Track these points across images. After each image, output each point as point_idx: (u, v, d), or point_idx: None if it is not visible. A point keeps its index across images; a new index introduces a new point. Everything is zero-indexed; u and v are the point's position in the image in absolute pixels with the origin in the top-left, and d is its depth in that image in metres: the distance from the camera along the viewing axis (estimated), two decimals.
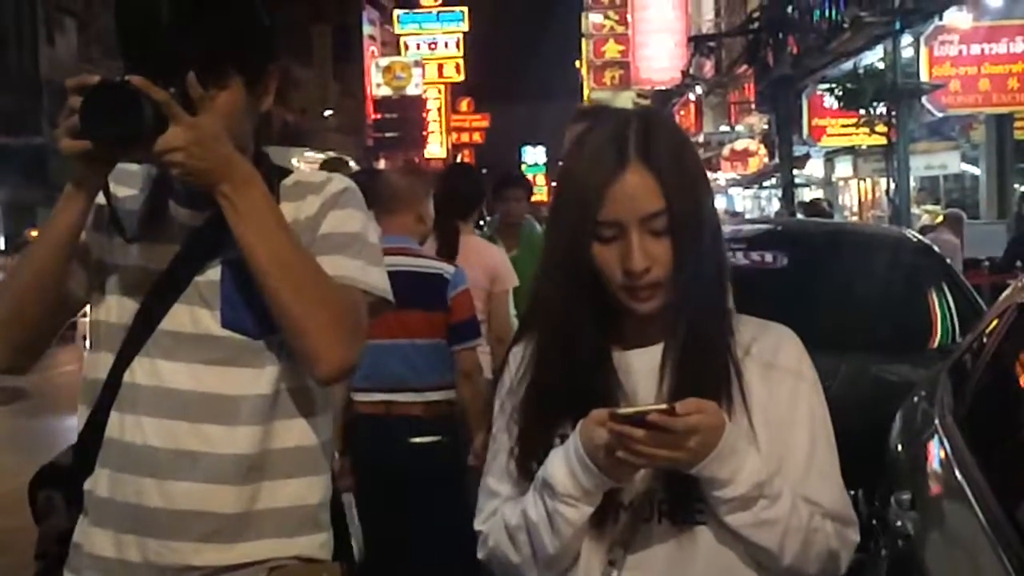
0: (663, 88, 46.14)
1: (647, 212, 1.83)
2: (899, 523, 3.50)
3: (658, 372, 1.89)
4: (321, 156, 17.71)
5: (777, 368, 1.92)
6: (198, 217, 2.18)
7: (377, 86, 55.43)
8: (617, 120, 1.91)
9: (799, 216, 19.50)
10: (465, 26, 64.59)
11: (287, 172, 2.30)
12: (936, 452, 3.61)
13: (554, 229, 1.93)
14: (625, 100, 52.31)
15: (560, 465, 1.83)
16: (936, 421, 3.74)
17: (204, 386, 2.17)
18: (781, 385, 1.91)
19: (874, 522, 4.03)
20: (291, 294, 2.07)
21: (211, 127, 2.02)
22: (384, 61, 56.63)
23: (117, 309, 2.22)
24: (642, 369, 1.90)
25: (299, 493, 2.23)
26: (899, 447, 4.16)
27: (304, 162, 16.35)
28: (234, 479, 2.17)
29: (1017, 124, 19.86)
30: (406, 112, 56.69)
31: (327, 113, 47.19)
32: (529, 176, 10.64)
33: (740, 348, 1.91)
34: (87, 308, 2.28)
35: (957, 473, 3.22)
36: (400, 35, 62.99)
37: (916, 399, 4.28)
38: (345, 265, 2.18)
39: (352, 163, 17.72)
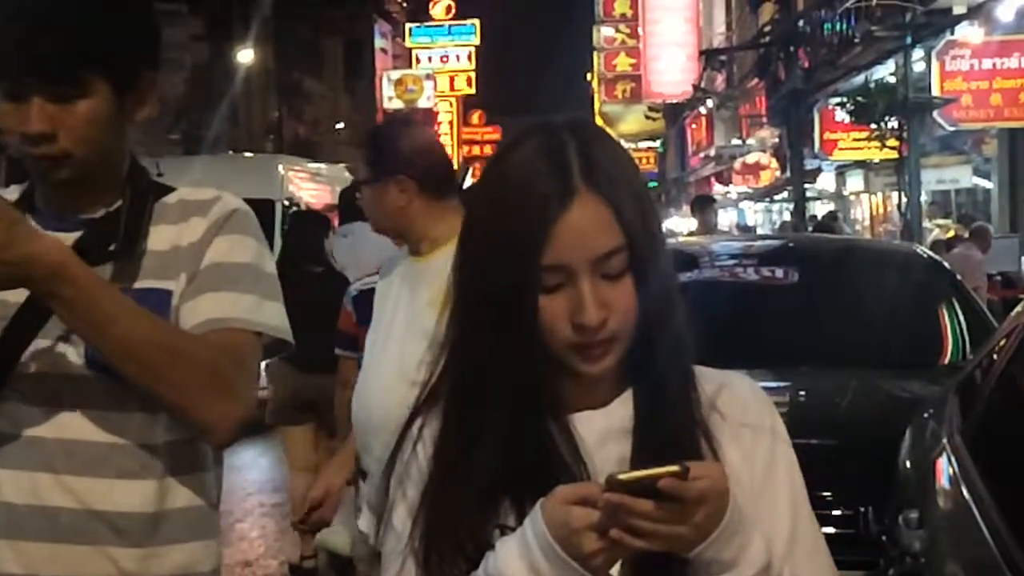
0: (674, 101, 46.20)
1: (601, 252, 1.47)
2: (907, 541, 3.50)
3: (613, 437, 1.53)
4: (315, 166, 17.20)
5: (748, 425, 1.58)
6: (66, 240, 1.89)
7: (388, 99, 55.44)
8: (546, 137, 1.52)
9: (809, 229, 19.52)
10: (477, 39, 64.65)
11: (168, 189, 2.05)
12: (944, 470, 3.62)
13: (478, 278, 1.52)
14: (637, 113, 52.35)
15: (515, 560, 1.42)
16: (944, 439, 3.74)
17: (69, 433, 1.89)
18: (756, 445, 1.58)
19: (883, 539, 4.03)
20: (149, 375, 1.82)
21: None
22: (395, 74, 56.67)
23: None
24: (591, 434, 1.54)
25: (191, 560, 1.97)
26: (907, 465, 4.17)
27: (291, 171, 15.93)
28: (110, 541, 1.89)
29: None
30: None
31: (338, 126, 47.30)
32: None
33: (703, 403, 1.57)
34: None
35: (964, 492, 3.22)
36: (412, 48, 63.04)
37: (925, 416, 4.28)
38: (235, 304, 1.93)
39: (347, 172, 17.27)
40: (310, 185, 15.75)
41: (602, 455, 1.52)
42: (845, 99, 20.47)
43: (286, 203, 13.64)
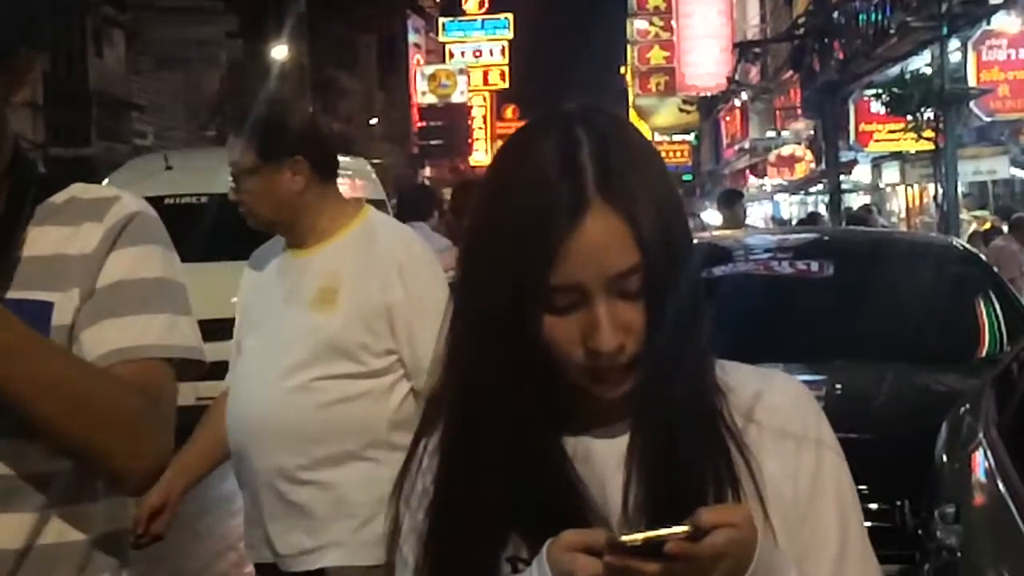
0: (708, 94, 46.09)
1: (617, 271, 1.31)
2: (943, 536, 3.49)
3: (631, 462, 1.38)
4: (344, 159, 16.97)
5: (791, 435, 1.41)
6: None
7: (422, 94, 55.57)
8: (557, 133, 1.35)
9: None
10: (510, 33, 64.70)
11: (59, 186, 1.77)
12: (981, 464, 3.61)
13: (478, 293, 1.36)
14: (671, 106, 52.25)
15: None
16: (980, 433, 3.73)
17: None
18: (799, 458, 1.41)
19: (919, 532, 4.02)
20: (52, 419, 1.57)
21: None
22: (429, 69, 56.76)
23: None
24: (607, 458, 1.38)
25: None
26: (944, 458, 4.15)
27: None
28: None
29: None
30: (451, 120, 56.81)
31: (372, 121, 47.40)
32: None
33: (738, 413, 1.40)
34: None
35: (1001, 486, 3.22)
36: (445, 43, 63.15)
37: (962, 410, 4.27)
38: (145, 330, 1.68)
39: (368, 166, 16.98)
40: None
41: (617, 479, 1.37)
42: (880, 90, 20.40)
43: None
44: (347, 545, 2.95)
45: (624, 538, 1.23)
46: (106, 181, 12.46)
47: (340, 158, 3.21)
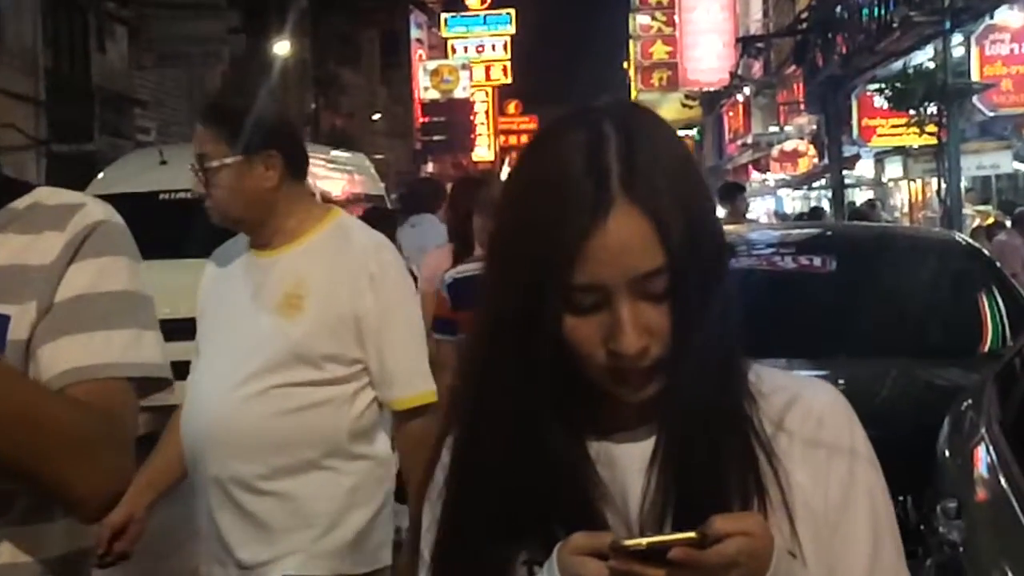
0: (711, 89, 46.08)
1: (641, 271, 1.27)
2: (945, 531, 3.49)
3: (654, 467, 1.33)
4: (335, 153, 16.58)
5: (823, 445, 1.37)
6: None
7: (425, 89, 55.53)
8: (585, 129, 1.32)
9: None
10: (512, 29, 64.69)
11: (22, 191, 1.67)
12: (983, 459, 3.60)
13: (500, 290, 1.33)
14: (673, 101, 52.25)
15: None
16: (983, 428, 3.72)
17: None
18: (830, 468, 1.37)
19: (921, 528, 4.02)
20: (13, 449, 1.47)
21: None
22: (431, 65, 56.73)
23: None
24: (631, 462, 1.35)
25: None
26: (946, 454, 4.15)
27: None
28: None
29: None
30: (454, 115, 56.71)
31: (375, 117, 47.40)
32: None
33: (768, 420, 1.36)
34: None
35: (1003, 481, 3.21)
36: (447, 38, 63.15)
37: (964, 405, 4.26)
38: (106, 347, 1.58)
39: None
40: (325, 173, 15.16)
41: (641, 484, 1.34)
42: (883, 85, 20.40)
43: None
44: (306, 553, 2.85)
45: (628, 542, 1.22)
46: (101, 175, 12.46)
47: (341, 153, 3.16)
